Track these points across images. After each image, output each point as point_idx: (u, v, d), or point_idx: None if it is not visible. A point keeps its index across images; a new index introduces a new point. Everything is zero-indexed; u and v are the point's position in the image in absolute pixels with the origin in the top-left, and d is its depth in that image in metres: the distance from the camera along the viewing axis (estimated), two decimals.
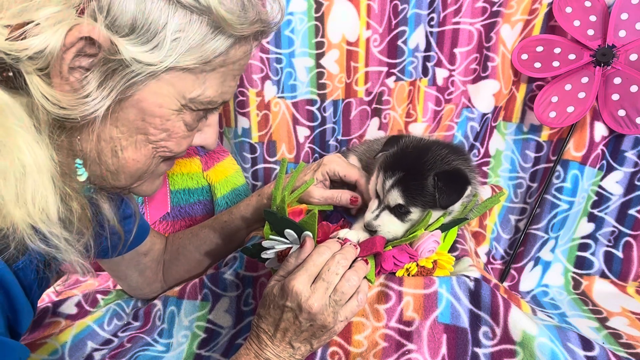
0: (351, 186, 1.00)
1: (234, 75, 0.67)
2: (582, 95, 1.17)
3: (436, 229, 0.84)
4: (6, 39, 0.53)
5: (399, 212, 0.85)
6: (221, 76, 0.65)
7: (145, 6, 0.56)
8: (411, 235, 0.82)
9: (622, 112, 1.14)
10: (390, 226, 0.85)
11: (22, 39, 0.53)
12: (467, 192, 0.85)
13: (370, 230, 0.86)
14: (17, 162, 0.54)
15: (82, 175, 0.64)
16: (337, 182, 1.03)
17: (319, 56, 1.27)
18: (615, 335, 1.00)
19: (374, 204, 0.88)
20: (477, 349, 0.82)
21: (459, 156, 0.88)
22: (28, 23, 0.53)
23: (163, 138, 0.65)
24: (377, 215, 0.86)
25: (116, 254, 0.93)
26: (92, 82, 0.57)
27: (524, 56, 1.24)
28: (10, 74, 0.55)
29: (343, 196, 0.96)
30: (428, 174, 0.83)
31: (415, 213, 0.84)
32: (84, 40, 0.55)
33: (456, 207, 0.88)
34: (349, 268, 0.74)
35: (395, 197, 0.83)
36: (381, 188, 0.86)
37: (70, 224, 0.62)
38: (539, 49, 1.23)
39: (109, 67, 0.57)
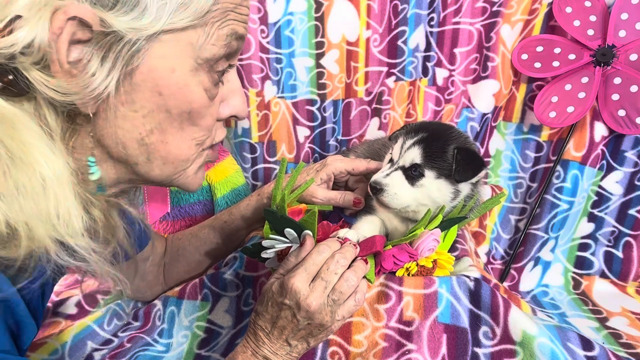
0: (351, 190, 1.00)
1: (238, 22, 0.63)
2: (582, 95, 1.17)
3: (435, 227, 0.84)
4: None
5: (413, 174, 0.84)
6: (225, 24, 0.61)
7: None
8: (411, 235, 0.82)
9: (622, 112, 1.14)
10: (398, 187, 0.84)
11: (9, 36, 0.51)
12: (482, 173, 0.86)
13: (375, 188, 0.84)
14: (37, 176, 0.52)
15: (95, 174, 0.62)
16: (341, 185, 1.03)
17: (319, 56, 1.27)
18: (615, 335, 1.00)
19: (385, 166, 0.87)
20: (477, 349, 0.82)
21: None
22: (13, 19, 0.51)
23: (185, 109, 0.62)
24: (388, 174, 0.84)
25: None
26: (94, 60, 0.55)
27: (524, 56, 1.24)
28: (11, 77, 0.53)
29: (346, 197, 0.95)
30: (451, 143, 0.85)
31: (427, 178, 0.84)
32: (73, 22, 0.53)
33: (464, 190, 0.88)
34: (349, 267, 0.74)
35: (414, 156, 0.84)
36: (399, 150, 0.85)
37: (96, 233, 0.60)
38: (539, 49, 1.23)
39: (105, 41, 0.55)
